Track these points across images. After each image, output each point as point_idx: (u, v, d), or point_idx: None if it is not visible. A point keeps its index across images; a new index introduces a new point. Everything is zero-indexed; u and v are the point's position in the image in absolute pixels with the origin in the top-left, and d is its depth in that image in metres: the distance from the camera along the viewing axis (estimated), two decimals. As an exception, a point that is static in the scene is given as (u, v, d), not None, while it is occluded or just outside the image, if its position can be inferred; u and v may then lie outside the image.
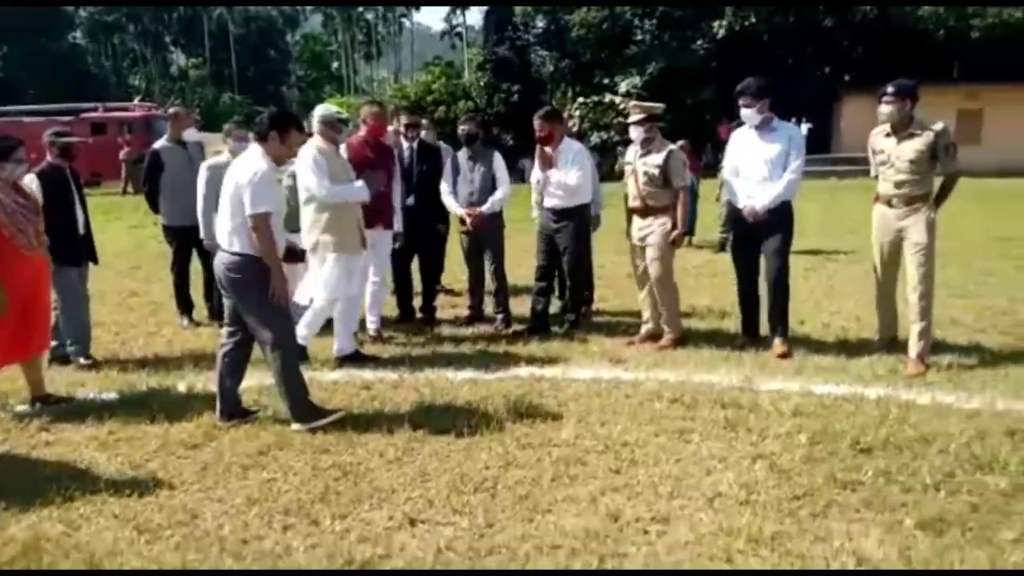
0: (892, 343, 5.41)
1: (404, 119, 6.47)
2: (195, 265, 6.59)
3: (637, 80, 30.76)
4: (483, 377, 4.94)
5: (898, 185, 5.17)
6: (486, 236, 6.22)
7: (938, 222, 5.12)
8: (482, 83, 34.03)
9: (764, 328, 5.64)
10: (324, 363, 5.30)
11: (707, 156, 30.51)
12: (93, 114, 27.35)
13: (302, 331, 5.14)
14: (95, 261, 5.59)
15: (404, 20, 68.22)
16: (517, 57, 34.33)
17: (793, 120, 29.02)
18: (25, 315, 4.32)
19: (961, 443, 3.71)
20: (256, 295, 3.99)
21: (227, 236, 4.03)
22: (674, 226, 5.62)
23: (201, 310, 6.70)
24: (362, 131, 5.79)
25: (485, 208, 6.13)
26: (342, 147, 5.56)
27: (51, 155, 5.28)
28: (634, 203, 5.72)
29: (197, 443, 3.94)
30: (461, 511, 3.15)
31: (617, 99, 30.72)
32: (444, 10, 57.92)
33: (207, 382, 4.69)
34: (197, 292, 6.68)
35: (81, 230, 5.30)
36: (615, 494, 3.27)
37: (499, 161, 6.28)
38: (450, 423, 4.08)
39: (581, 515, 3.10)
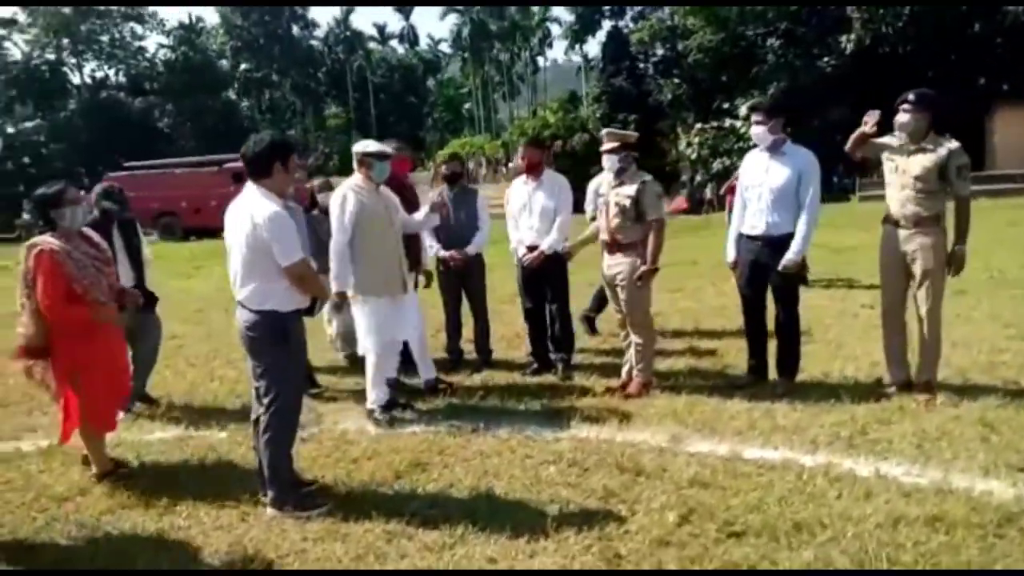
0: (906, 387, 4.78)
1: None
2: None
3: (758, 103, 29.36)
4: (540, 435, 4.43)
5: (903, 203, 4.69)
6: (467, 276, 6.04)
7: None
8: (598, 115, 33.78)
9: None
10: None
11: (837, 179, 28.74)
12: (233, 164, 29.64)
13: (371, 395, 4.88)
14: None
15: (539, 58, 69.69)
16: (634, 87, 33.85)
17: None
18: (117, 375, 4.14)
19: (861, 530, 3.05)
20: (270, 355, 3.55)
21: (248, 292, 3.55)
22: (643, 262, 5.16)
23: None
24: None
25: (470, 249, 5.96)
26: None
27: (97, 209, 5.03)
28: (604, 237, 5.32)
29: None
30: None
31: (738, 123, 29.53)
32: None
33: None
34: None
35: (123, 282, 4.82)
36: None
37: (482, 202, 6.13)
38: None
39: None
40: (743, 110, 29.93)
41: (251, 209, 3.47)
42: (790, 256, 4.85)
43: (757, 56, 30.71)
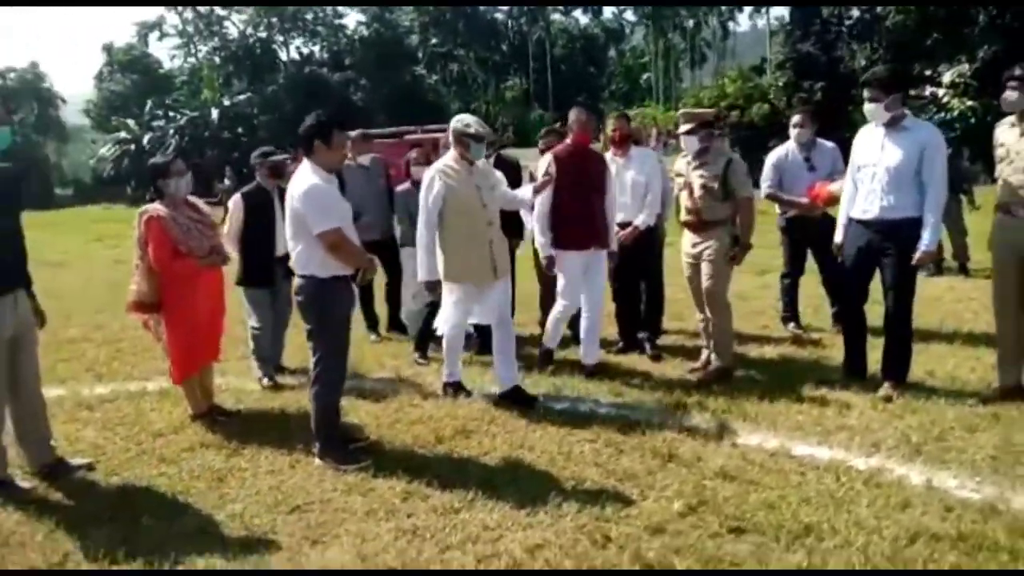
0: (1014, 391, 4.32)
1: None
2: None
3: (966, 68, 26.43)
4: (593, 413, 4.48)
5: (1020, 188, 4.24)
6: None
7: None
8: (781, 83, 31.86)
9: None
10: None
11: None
12: (411, 136, 31.25)
13: (445, 370, 4.88)
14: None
15: (730, 24, 66.47)
16: (823, 52, 31.51)
17: None
18: (211, 323, 4.58)
19: (870, 541, 2.86)
20: (315, 317, 3.86)
21: (296, 257, 3.91)
22: (735, 241, 5.01)
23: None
24: (569, 138, 5.29)
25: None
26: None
27: (260, 176, 5.37)
28: (687, 217, 5.20)
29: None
30: None
31: (940, 92, 26.78)
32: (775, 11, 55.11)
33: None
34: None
35: (280, 251, 5.14)
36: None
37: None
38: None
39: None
40: (947, 77, 27.15)
41: (296, 181, 3.85)
42: (924, 246, 4.40)
43: (968, 16, 27.55)
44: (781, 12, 46.06)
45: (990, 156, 4.51)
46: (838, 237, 4.83)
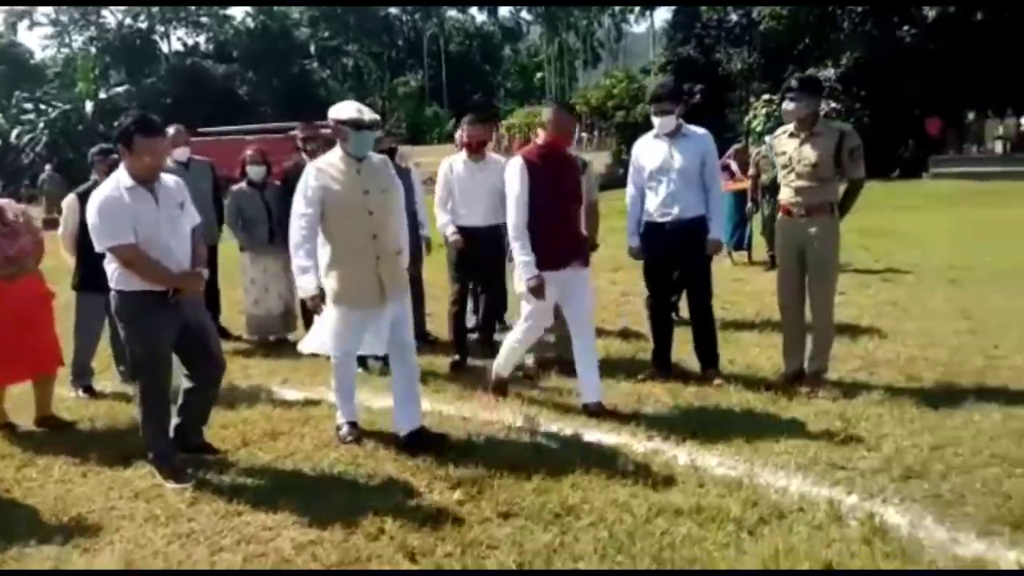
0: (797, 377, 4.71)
1: (300, 132, 6.11)
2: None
3: (831, 72, 28.03)
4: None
5: (799, 192, 4.62)
6: None
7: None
8: (664, 85, 32.95)
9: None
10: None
11: (908, 154, 27.23)
12: (294, 132, 30.57)
13: (338, 412, 4.18)
14: None
15: (623, 25, 68.09)
16: (703, 56, 32.81)
17: (1010, 111, 24.84)
18: (20, 337, 4.31)
19: (619, 517, 3.08)
20: (124, 333, 3.74)
21: (107, 268, 3.73)
22: None
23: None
24: (540, 139, 4.54)
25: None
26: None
27: (97, 173, 4.99)
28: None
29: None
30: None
31: (808, 95, 28.32)
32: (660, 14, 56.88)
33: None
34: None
35: None
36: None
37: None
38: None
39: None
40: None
41: (96, 190, 3.71)
42: (714, 238, 4.85)
43: (835, 24, 29.28)
44: (668, 15, 47.55)
45: None
46: (634, 242, 5.04)
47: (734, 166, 9.63)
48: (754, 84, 31.90)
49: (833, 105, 27.63)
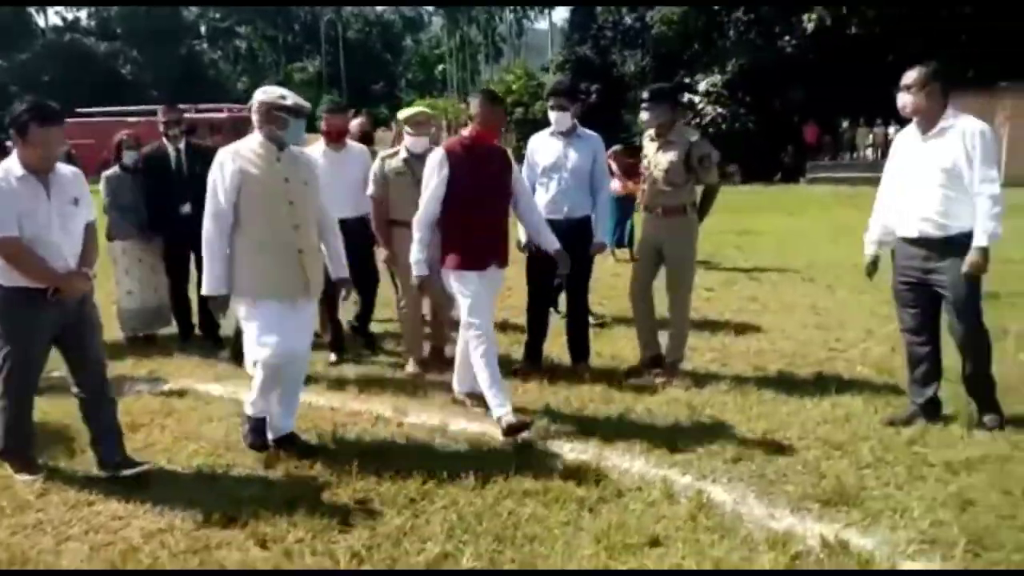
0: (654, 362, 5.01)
1: (162, 116, 5.94)
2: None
3: (718, 79, 29.32)
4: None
5: (657, 193, 4.90)
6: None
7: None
8: (561, 83, 33.58)
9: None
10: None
11: (788, 159, 28.83)
12: (188, 116, 29.41)
13: (249, 409, 3.82)
14: None
15: (525, 21, 68.71)
16: (599, 56, 33.62)
17: (879, 121, 26.77)
18: None
19: (470, 503, 3.23)
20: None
21: None
22: None
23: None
24: (466, 132, 4.31)
25: None
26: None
27: None
28: None
29: None
30: None
31: (696, 99, 29.49)
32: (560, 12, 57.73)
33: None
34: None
35: None
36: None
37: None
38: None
39: None
40: (703, 86, 30.00)
41: None
42: (599, 240, 5.06)
43: (722, 31, 30.60)
44: (566, 14, 48.37)
45: (737, 158, 5.22)
46: (522, 236, 5.07)
47: (614, 167, 9.97)
48: (647, 86, 32.95)
49: (720, 110, 29.06)
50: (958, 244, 3.88)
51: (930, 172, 3.92)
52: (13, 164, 3.41)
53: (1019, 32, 26.00)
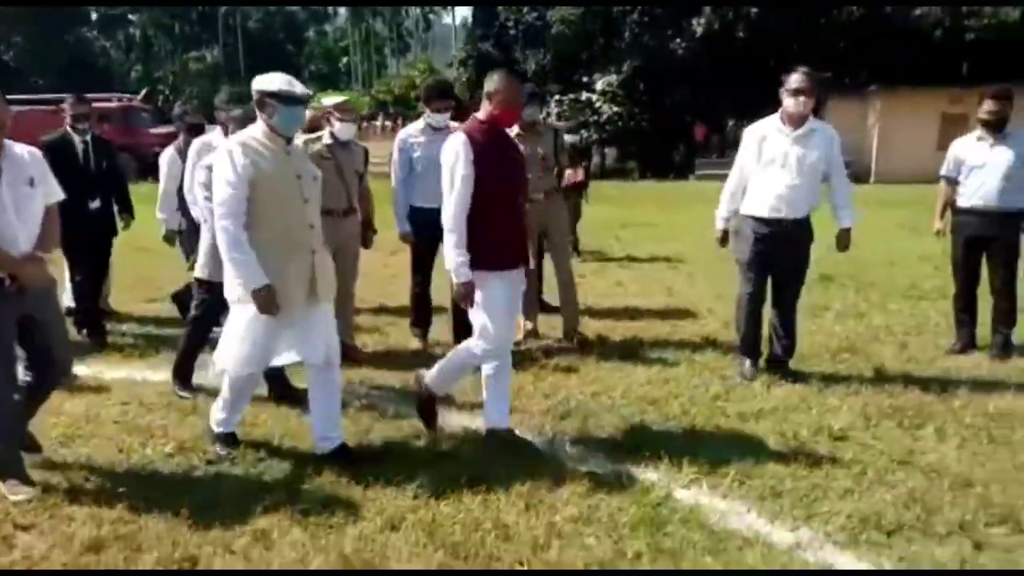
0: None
1: (70, 108, 5.76)
2: None
3: (613, 78, 30.32)
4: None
5: (536, 181, 5.25)
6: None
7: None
8: (464, 79, 34.00)
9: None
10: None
11: (679, 157, 30.19)
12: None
13: (217, 415, 3.71)
14: None
15: (431, 16, 68.65)
16: (501, 53, 34.17)
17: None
18: None
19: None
20: None
21: None
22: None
23: None
24: (482, 114, 3.76)
25: None
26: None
27: None
28: None
29: None
30: None
31: (594, 97, 30.43)
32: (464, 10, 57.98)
33: None
34: None
35: None
36: None
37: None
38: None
39: None
40: (599, 85, 30.98)
41: None
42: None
43: (617, 33, 31.65)
44: (468, 11, 48.77)
45: (633, 154, 5.78)
46: (404, 227, 5.36)
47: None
48: (548, 84, 33.78)
49: (616, 109, 30.09)
50: (805, 226, 4.69)
51: (797, 164, 4.57)
52: None
53: (888, 39, 28.13)
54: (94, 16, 50.64)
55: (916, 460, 3.65)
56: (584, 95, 30.42)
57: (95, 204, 5.74)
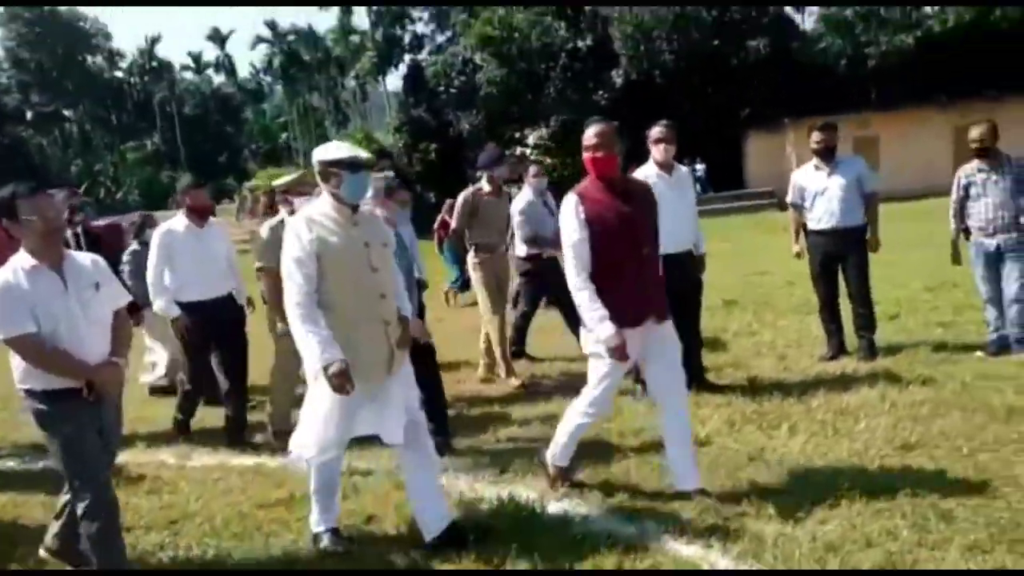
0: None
1: (65, 200, 6.32)
2: None
3: (544, 132, 31.39)
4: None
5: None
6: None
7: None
8: (400, 144, 34.81)
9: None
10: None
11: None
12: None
13: (314, 516, 3.56)
14: None
15: (367, 87, 69.92)
16: (434, 118, 35.12)
17: (687, 160, 29.51)
18: None
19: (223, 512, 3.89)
20: (50, 442, 3.15)
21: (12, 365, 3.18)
22: None
23: None
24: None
25: None
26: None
27: None
28: None
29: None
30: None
31: (528, 151, 31.42)
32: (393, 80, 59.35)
33: None
34: None
35: None
36: None
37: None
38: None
39: None
40: (531, 139, 32.01)
41: None
42: None
43: (542, 89, 32.84)
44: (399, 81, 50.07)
45: None
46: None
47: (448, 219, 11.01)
48: (482, 143, 34.72)
49: (549, 160, 31.06)
50: (685, 258, 5.24)
51: (675, 204, 5.07)
52: (21, 258, 3.12)
53: (796, 74, 29.76)
54: (29, 115, 50.62)
55: (766, 455, 4.11)
56: (518, 150, 31.37)
57: None
